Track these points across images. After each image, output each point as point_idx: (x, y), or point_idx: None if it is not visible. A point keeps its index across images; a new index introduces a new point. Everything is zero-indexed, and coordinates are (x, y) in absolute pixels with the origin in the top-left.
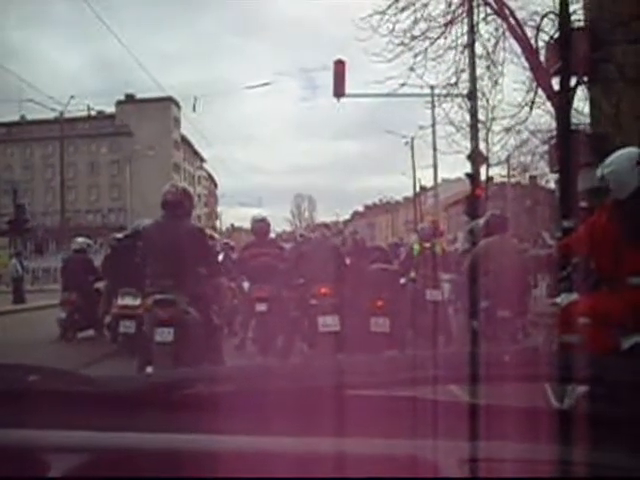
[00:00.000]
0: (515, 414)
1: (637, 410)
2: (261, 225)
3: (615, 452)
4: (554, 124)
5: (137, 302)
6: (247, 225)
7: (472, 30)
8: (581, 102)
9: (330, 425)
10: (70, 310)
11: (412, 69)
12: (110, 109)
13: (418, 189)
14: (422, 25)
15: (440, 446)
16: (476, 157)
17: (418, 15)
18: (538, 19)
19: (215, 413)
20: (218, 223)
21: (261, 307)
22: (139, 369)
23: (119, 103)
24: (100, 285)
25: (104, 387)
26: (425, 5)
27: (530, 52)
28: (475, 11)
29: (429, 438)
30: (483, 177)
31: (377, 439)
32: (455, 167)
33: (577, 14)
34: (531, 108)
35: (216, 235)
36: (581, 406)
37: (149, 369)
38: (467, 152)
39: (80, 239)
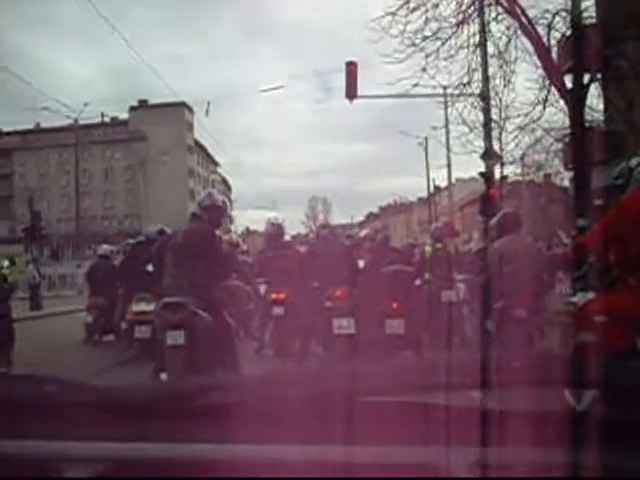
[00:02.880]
0: (529, 419)
1: None
2: (274, 229)
3: (629, 456)
4: (568, 122)
5: (151, 307)
6: (262, 228)
7: (483, 29)
8: (595, 99)
9: (342, 433)
10: (96, 314)
11: (424, 69)
12: (124, 115)
13: (432, 189)
14: (433, 25)
15: (454, 453)
16: (490, 156)
17: (429, 15)
18: (550, 17)
19: (225, 422)
20: (233, 227)
21: (278, 310)
22: (154, 375)
23: (132, 109)
24: None
25: (113, 397)
26: (436, 5)
27: (542, 50)
28: (486, 10)
29: (442, 445)
30: (497, 176)
31: (390, 446)
32: (469, 166)
33: (589, 11)
34: (544, 106)
35: (240, 242)
36: (595, 410)
37: (163, 375)
38: (481, 151)
39: (105, 246)
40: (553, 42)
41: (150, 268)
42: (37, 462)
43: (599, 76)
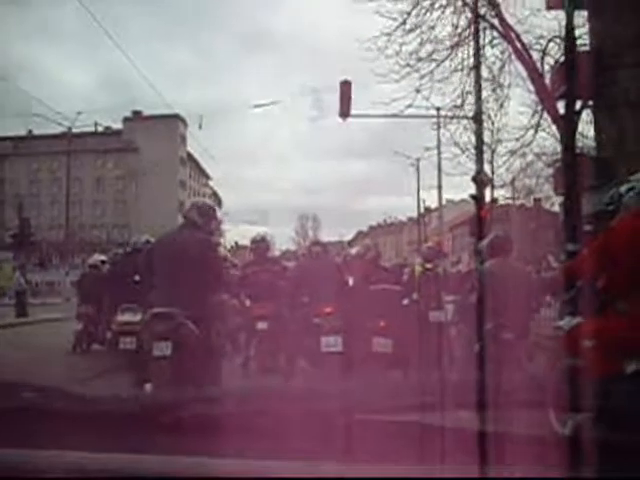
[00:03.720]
0: (520, 440)
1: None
2: (260, 245)
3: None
4: (559, 147)
5: (137, 318)
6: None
7: (478, 53)
8: (586, 125)
9: (331, 449)
10: (85, 323)
11: (418, 91)
12: (117, 125)
13: (423, 210)
14: (428, 47)
15: (445, 471)
16: (481, 179)
17: (424, 37)
18: (544, 43)
19: (208, 435)
20: (223, 241)
21: (262, 325)
22: (137, 385)
23: (126, 120)
24: None
25: (96, 406)
26: (431, 27)
27: (536, 75)
28: (481, 34)
29: (433, 464)
30: (488, 199)
31: (382, 464)
32: (460, 188)
33: (583, 39)
34: (536, 131)
35: (229, 255)
36: (585, 433)
37: (147, 386)
38: (472, 174)
39: (96, 255)
40: (547, 68)
41: (137, 278)
42: (11, 470)
43: (591, 103)
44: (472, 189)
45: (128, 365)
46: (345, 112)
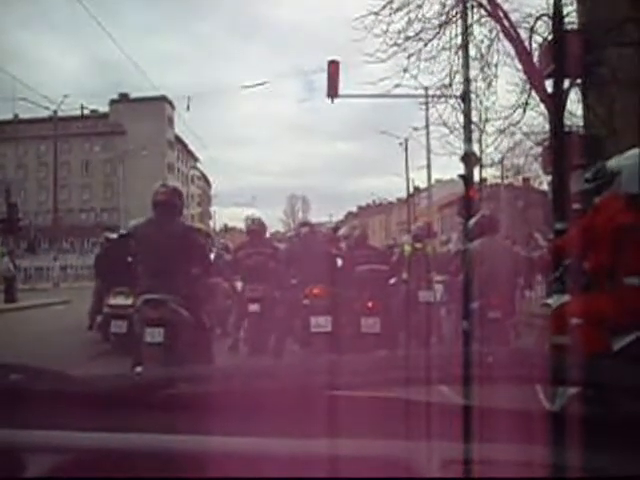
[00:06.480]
0: (506, 416)
1: (627, 412)
2: (256, 226)
3: (605, 454)
4: (547, 126)
5: (129, 301)
6: (241, 225)
7: (466, 31)
8: (575, 104)
9: (319, 426)
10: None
11: (406, 70)
12: (104, 108)
13: (412, 190)
14: (416, 26)
15: (430, 447)
16: (469, 158)
17: (412, 16)
18: (532, 21)
19: (200, 414)
20: (212, 223)
21: (254, 307)
22: (131, 369)
23: (113, 102)
24: None
25: (87, 387)
26: (419, 6)
27: (524, 54)
28: (469, 13)
29: (419, 439)
30: (477, 178)
31: (367, 440)
32: (449, 168)
33: (571, 17)
34: (524, 110)
35: (211, 232)
36: (572, 408)
37: (139, 369)
38: (461, 153)
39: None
40: (535, 46)
41: (129, 261)
42: (3, 451)
43: (579, 81)
44: (461, 169)
45: (117, 350)
46: (333, 92)
